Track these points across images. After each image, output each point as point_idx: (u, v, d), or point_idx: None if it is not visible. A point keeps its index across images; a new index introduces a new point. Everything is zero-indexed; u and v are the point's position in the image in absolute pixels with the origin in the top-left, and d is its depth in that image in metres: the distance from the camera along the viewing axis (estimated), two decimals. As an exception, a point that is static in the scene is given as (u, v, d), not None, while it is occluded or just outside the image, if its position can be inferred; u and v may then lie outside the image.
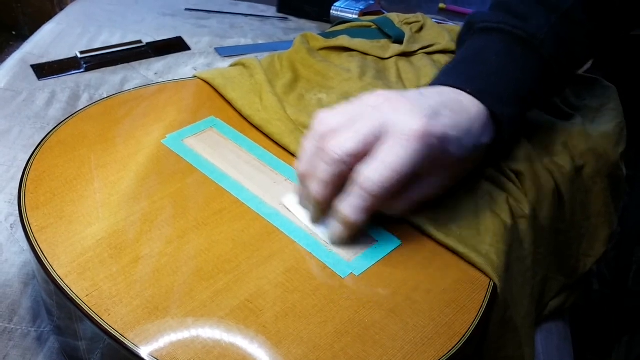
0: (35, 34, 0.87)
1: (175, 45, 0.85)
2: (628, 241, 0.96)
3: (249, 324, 0.40)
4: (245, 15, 0.97)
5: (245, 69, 0.63)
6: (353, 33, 0.72)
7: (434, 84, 0.50)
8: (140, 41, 0.84)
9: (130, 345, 0.38)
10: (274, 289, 0.42)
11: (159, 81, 0.72)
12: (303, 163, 0.45)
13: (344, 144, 0.43)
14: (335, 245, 0.46)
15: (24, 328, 0.50)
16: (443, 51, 0.70)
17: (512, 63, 0.50)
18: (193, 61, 0.82)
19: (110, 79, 0.77)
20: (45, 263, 0.42)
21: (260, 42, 0.88)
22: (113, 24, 0.89)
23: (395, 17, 0.76)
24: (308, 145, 0.45)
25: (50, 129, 0.54)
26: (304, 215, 0.47)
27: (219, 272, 0.43)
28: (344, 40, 0.69)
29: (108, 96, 0.60)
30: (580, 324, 0.72)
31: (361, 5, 0.90)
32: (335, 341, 0.39)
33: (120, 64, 0.79)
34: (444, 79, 0.49)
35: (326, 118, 0.45)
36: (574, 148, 0.56)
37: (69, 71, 0.77)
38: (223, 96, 0.60)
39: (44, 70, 0.77)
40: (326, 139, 0.44)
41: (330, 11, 0.91)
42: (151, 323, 0.39)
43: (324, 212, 0.46)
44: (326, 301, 0.42)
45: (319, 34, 0.71)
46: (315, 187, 0.44)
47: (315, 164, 0.44)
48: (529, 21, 0.50)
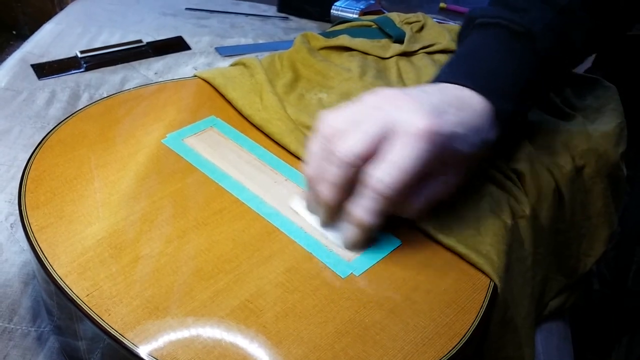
0: (36, 33, 0.87)
1: (176, 44, 0.85)
2: (628, 241, 0.96)
3: (249, 324, 0.40)
4: (246, 14, 0.97)
5: (246, 68, 0.63)
6: (353, 33, 0.72)
7: (435, 81, 0.50)
8: (140, 41, 0.84)
9: (130, 345, 0.38)
10: (274, 289, 0.42)
11: (159, 81, 0.72)
12: (311, 166, 0.45)
13: (353, 146, 0.42)
14: (350, 249, 0.45)
15: (24, 328, 0.50)
16: (444, 51, 0.70)
17: (510, 58, 0.50)
18: (193, 61, 0.82)
19: (111, 78, 0.77)
20: (45, 263, 0.42)
21: (260, 42, 0.88)
22: (113, 24, 0.89)
23: (395, 17, 0.76)
24: (315, 148, 0.45)
25: (51, 129, 0.54)
26: (313, 219, 0.47)
27: (219, 272, 0.43)
28: (344, 39, 0.69)
29: (108, 96, 0.59)
30: (580, 324, 0.72)
31: (362, 4, 0.90)
32: (336, 341, 0.39)
33: (121, 63, 0.79)
34: (445, 76, 0.49)
35: (331, 120, 0.44)
36: (575, 148, 0.56)
37: (69, 71, 0.77)
38: (223, 96, 0.60)
39: (44, 70, 0.77)
40: (333, 141, 0.43)
41: (331, 11, 0.91)
42: (151, 323, 0.39)
43: (334, 216, 0.46)
44: (326, 301, 0.42)
45: (320, 34, 0.71)
46: (326, 191, 0.44)
47: (324, 167, 0.44)
48: (525, 15, 0.50)
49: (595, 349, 0.95)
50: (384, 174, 0.42)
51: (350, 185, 0.44)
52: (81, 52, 0.80)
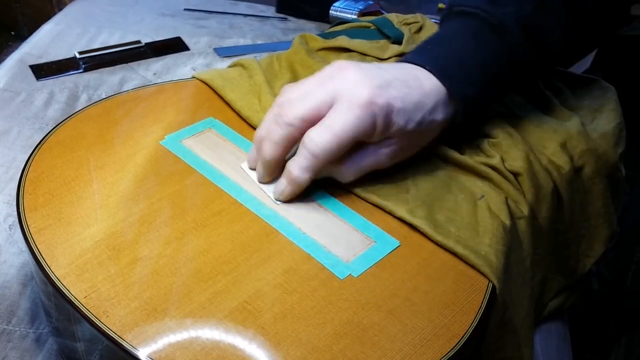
0: (34, 34, 0.87)
1: (174, 45, 0.85)
2: (627, 241, 0.96)
3: (248, 325, 0.40)
4: (245, 15, 0.97)
5: (244, 69, 0.63)
6: (352, 33, 0.72)
7: (400, 60, 0.52)
8: (139, 41, 0.84)
9: (128, 347, 0.38)
10: (272, 290, 0.42)
11: (157, 81, 0.72)
12: (261, 128, 0.49)
13: (296, 110, 0.47)
14: (280, 201, 0.49)
15: (22, 329, 0.50)
16: (442, 51, 0.70)
17: (479, 46, 0.51)
18: (192, 61, 0.82)
19: (109, 79, 0.77)
20: (44, 264, 0.42)
21: (259, 43, 0.88)
22: (112, 24, 0.89)
23: (394, 18, 0.75)
24: (269, 114, 0.49)
25: (49, 130, 0.54)
26: (254, 176, 0.51)
27: (218, 274, 0.43)
28: (343, 40, 0.69)
29: (107, 97, 0.59)
30: (579, 325, 0.72)
31: (360, 5, 0.89)
32: (334, 343, 0.39)
33: (119, 64, 0.79)
34: (409, 56, 0.52)
35: (288, 89, 0.48)
36: (573, 149, 0.56)
37: (67, 71, 0.77)
38: (222, 97, 0.60)
39: (42, 71, 0.77)
40: (284, 107, 0.47)
41: (330, 11, 0.91)
42: (150, 325, 0.39)
43: (272, 174, 0.49)
44: (325, 302, 0.42)
45: (318, 35, 0.71)
46: (267, 148, 0.48)
47: (271, 129, 0.48)
48: (501, 8, 0.51)
49: (594, 349, 0.95)
50: (317, 135, 0.45)
51: (291, 146, 0.48)
52: (80, 53, 0.80)
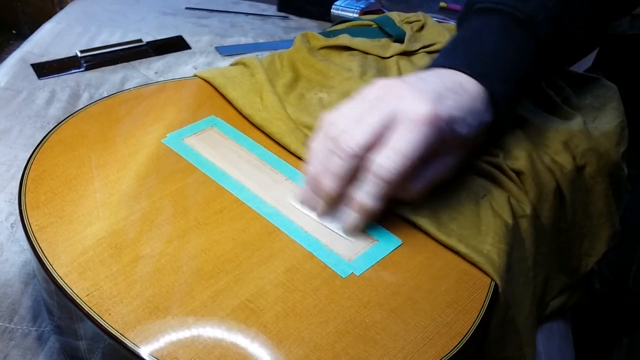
0: (36, 32, 0.87)
1: (176, 44, 0.85)
2: (629, 241, 0.96)
3: (250, 323, 0.39)
4: (246, 14, 0.97)
5: (246, 68, 0.63)
6: (354, 32, 0.72)
7: (432, 66, 0.51)
8: (140, 40, 0.84)
9: (130, 345, 0.38)
10: (274, 288, 0.42)
11: (159, 80, 0.72)
12: (314, 164, 0.46)
13: (355, 138, 0.44)
14: (350, 235, 0.46)
15: (24, 328, 0.50)
16: (444, 50, 0.70)
17: (509, 44, 0.51)
18: (193, 60, 0.82)
19: (111, 78, 0.76)
20: (46, 262, 0.42)
21: (260, 41, 0.88)
22: (113, 23, 0.89)
23: (396, 16, 0.75)
24: (318, 147, 0.46)
25: (51, 128, 0.54)
26: (312, 214, 0.48)
27: (220, 272, 0.43)
28: (344, 39, 0.69)
29: (108, 95, 0.59)
30: (581, 324, 0.71)
31: (362, 4, 0.89)
32: (336, 341, 0.39)
33: (121, 63, 0.79)
34: (442, 60, 0.51)
35: (334, 119, 0.46)
36: (575, 147, 0.56)
37: (69, 70, 0.77)
38: (223, 95, 0.60)
39: (44, 69, 0.77)
40: (337, 138, 0.45)
41: (331, 10, 0.91)
42: (152, 323, 0.39)
43: (333, 207, 0.47)
44: (327, 301, 0.42)
45: (320, 33, 0.71)
46: (329, 183, 0.45)
47: (328, 163, 0.45)
48: (527, 2, 0.51)
49: (596, 349, 0.95)
50: (386, 160, 0.43)
51: (352, 177, 0.45)
52: (81, 52, 0.80)
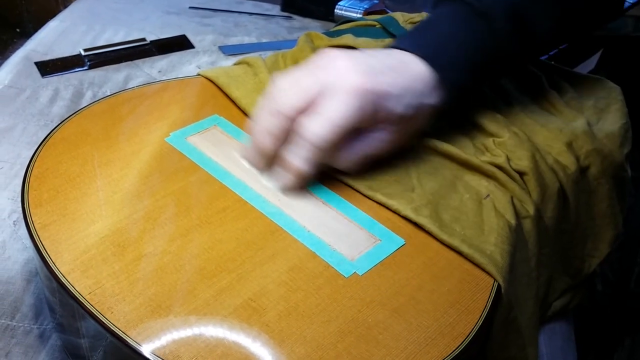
0: (39, 31, 0.87)
1: (179, 43, 0.85)
2: (631, 243, 0.96)
3: (252, 322, 0.39)
4: (250, 13, 0.97)
5: (250, 67, 0.63)
6: (357, 32, 0.72)
7: (389, 46, 0.52)
8: (144, 39, 0.84)
9: (132, 344, 0.38)
10: (277, 287, 0.42)
11: (162, 79, 0.72)
12: (258, 121, 0.49)
13: (288, 98, 0.47)
14: (284, 194, 0.49)
15: (26, 325, 0.50)
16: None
17: (466, 33, 0.52)
18: (197, 59, 0.82)
19: (114, 76, 0.77)
20: (48, 260, 0.42)
21: (264, 41, 0.88)
22: (117, 22, 0.89)
23: (399, 17, 0.75)
24: (263, 106, 0.49)
25: (54, 126, 0.54)
26: (251, 169, 0.51)
27: (222, 271, 0.42)
28: (348, 39, 0.69)
29: (111, 94, 0.59)
30: (583, 325, 0.71)
31: (365, 4, 0.89)
32: (339, 341, 0.39)
33: (124, 61, 0.79)
34: (398, 42, 0.52)
35: (278, 79, 0.48)
36: (579, 149, 0.56)
37: (72, 69, 0.77)
38: (227, 94, 0.60)
39: (47, 68, 0.77)
40: (276, 97, 0.48)
41: (335, 10, 0.91)
42: (154, 321, 0.39)
43: (269, 163, 0.49)
44: (329, 300, 0.41)
45: (323, 33, 0.71)
46: (264, 140, 0.48)
47: (266, 122, 0.48)
48: None
49: (598, 350, 0.95)
50: (316, 126, 0.46)
51: (285, 137, 0.48)
52: (85, 50, 0.80)
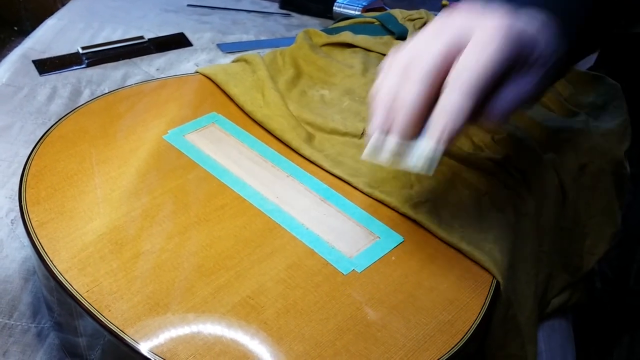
0: (37, 29, 0.87)
1: (177, 41, 0.84)
2: (630, 240, 0.96)
3: (250, 320, 0.39)
4: (248, 11, 0.96)
5: (248, 64, 0.63)
6: (356, 29, 0.72)
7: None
8: (142, 37, 0.84)
9: (130, 342, 0.37)
10: (275, 285, 0.42)
11: (160, 77, 0.72)
12: (385, 100, 0.42)
13: (428, 60, 0.40)
14: (427, 169, 0.41)
15: (24, 324, 0.50)
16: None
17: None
18: (195, 57, 0.82)
19: (112, 74, 0.76)
20: (46, 258, 0.42)
21: (262, 39, 0.88)
22: (115, 20, 0.89)
23: (398, 14, 0.75)
24: (387, 83, 0.42)
25: (52, 125, 0.54)
26: (388, 161, 0.42)
27: (220, 268, 0.42)
28: (347, 36, 0.69)
29: (110, 91, 0.59)
30: (582, 322, 0.71)
31: (364, 1, 0.89)
32: (337, 338, 0.39)
33: (122, 59, 0.79)
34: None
35: (401, 53, 0.42)
36: (578, 146, 0.56)
37: (70, 67, 0.77)
38: (225, 92, 0.60)
39: (45, 66, 0.77)
40: (411, 63, 0.41)
41: (333, 7, 0.91)
42: (152, 319, 0.39)
43: (412, 135, 0.41)
44: (328, 298, 0.41)
45: (322, 30, 0.71)
46: (404, 112, 0.40)
47: (399, 94, 0.41)
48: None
49: (597, 348, 0.95)
50: (464, 72, 0.39)
51: (427, 104, 0.40)
52: (83, 48, 0.79)
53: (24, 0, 1.69)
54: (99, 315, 0.39)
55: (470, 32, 0.41)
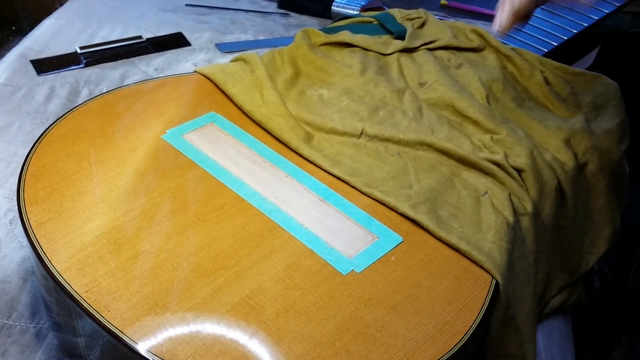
0: (35, 29, 0.87)
1: (176, 40, 0.84)
2: (629, 239, 0.96)
3: (250, 320, 0.39)
4: (246, 11, 0.96)
5: (246, 64, 0.63)
6: (355, 28, 0.72)
7: None
8: (140, 37, 0.83)
9: (129, 342, 0.37)
10: (274, 285, 0.42)
11: (159, 77, 0.72)
12: None
13: None
14: (504, 31, 0.51)
15: (22, 324, 0.50)
16: (445, 47, 0.69)
17: None
18: (193, 57, 0.82)
19: (110, 74, 0.76)
20: (44, 258, 0.42)
21: (261, 38, 0.88)
22: (113, 20, 0.89)
23: (396, 13, 0.75)
24: None
25: (50, 124, 0.54)
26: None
27: (220, 269, 0.42)
28: (345, 35, 0.69)
29: (108, 91, 0.59)
30: (581, 322, 0.71)
31: (362, 1, 0.89)
32: (337, 339, 0.39)
33: (120, 59, 0.79)
34: None
35: None
36: (577, 145, 0.56)
37: (68, 66, 0.77)
38: (224, 91, 0.59)
39: (43, 66, 0.77)
40: None
41: (332, 7, 0.91)
42: (151, 319, 0.39)
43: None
44: (327, 298, 0.41)
45: (321, 30, 0.71)
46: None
47: None
48: None
49: (596, 347, 0.95)
50: None
51: None
52: (81, 48, 0.79)
53: (22, 0, 1.69)
54: (97, 316, 0.38)
55: None
